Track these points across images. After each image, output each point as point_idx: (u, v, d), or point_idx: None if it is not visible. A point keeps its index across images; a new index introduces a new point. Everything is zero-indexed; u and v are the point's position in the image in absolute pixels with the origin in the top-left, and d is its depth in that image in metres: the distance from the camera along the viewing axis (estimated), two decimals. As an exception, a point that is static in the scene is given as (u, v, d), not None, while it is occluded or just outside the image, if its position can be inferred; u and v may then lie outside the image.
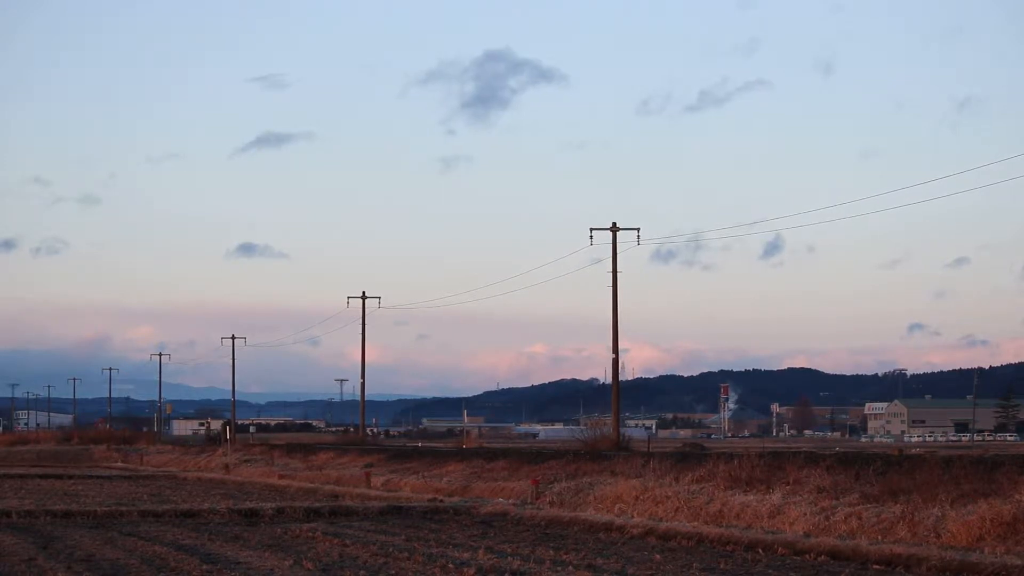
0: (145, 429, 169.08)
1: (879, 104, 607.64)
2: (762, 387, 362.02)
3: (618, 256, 65.19)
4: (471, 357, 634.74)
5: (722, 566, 22.52)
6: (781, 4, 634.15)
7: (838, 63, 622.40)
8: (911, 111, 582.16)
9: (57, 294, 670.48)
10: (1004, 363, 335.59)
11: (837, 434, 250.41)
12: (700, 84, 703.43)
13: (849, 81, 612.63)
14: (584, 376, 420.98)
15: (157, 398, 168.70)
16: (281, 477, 59.58)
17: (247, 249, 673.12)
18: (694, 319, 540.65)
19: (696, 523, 30.03)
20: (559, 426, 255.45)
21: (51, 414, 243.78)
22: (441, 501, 39.76)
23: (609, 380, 69.00)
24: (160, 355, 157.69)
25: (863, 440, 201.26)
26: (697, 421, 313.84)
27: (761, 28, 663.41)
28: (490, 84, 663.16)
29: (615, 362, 66.48)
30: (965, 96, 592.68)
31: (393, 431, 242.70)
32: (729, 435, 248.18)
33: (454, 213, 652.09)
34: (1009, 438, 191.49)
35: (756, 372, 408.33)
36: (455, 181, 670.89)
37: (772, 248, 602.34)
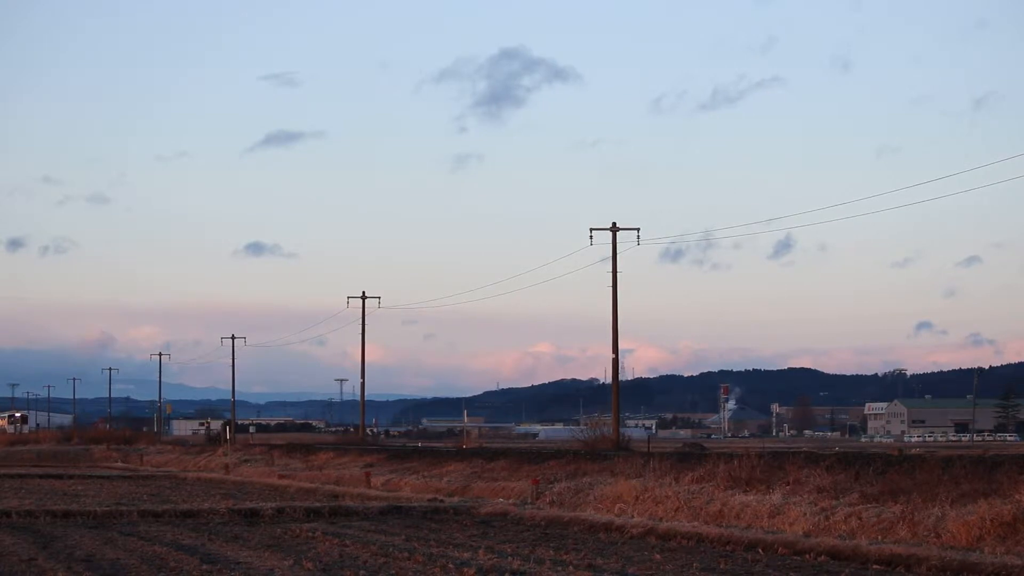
0: (145, 429, 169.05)
1: (896, 101, 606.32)
2: (762, 387, 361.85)
3: (621, 256, 65.69)
4: (475, 357, 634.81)
5: (722, 566, 22.52)
6: (798, 1, 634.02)
7: (855, 60, 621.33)
8: (928, 108, 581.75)
9: (63, 293, 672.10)
10: (1006, 363, 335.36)
11: (837, 434, 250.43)
12: (715, 82, 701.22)
13: (866, 78, 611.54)
14: (587, 376, 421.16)
15: (157, 398, 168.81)
16: (281, 477, 59.55)
17: (256, 248, 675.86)
18: (701, 319, 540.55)
19: (696, 523, 30.02)
20: (559, 426, 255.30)
21: (51, 414, 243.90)
22: (441, 501, 39.74)
23: (609, 380, 69.06)
24: (160, 355, 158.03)
25: (863, 440, 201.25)
26: (697, 421, 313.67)
27: (778, 26, 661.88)
28: (504, 82, 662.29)
29: (615, 362, 66.63)
30: (983, 93, 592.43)
31: (393, 431, 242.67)
32: (729, 435, 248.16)
33: (463, 212, 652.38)
34: (1009, 438, 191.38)
35: (756, 372, 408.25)
36: (465, 179, 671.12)
37: (783, 247, 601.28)
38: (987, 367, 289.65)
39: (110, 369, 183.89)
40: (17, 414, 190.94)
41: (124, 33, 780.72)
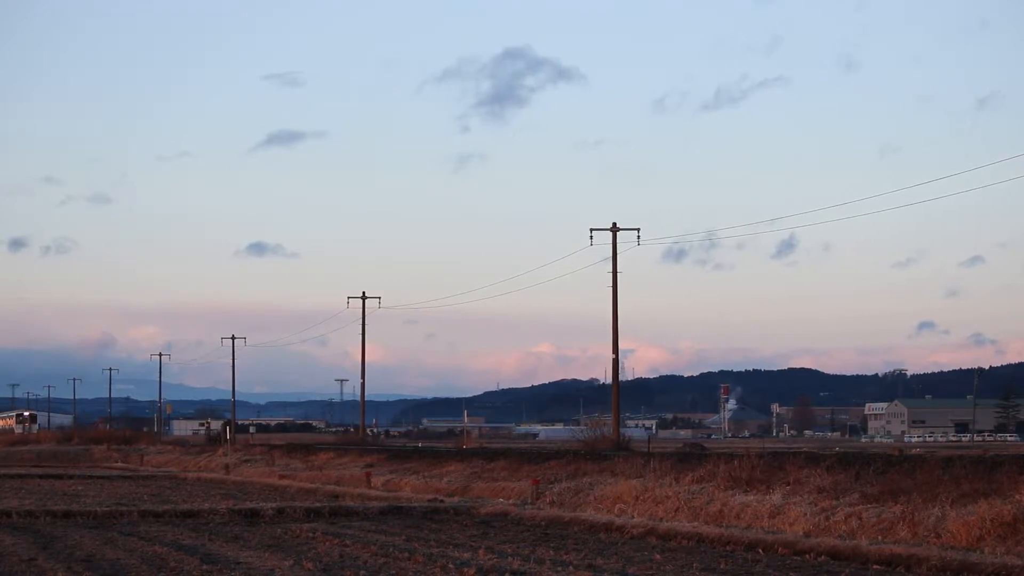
0: (145, 429, 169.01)
1: (898, 101, 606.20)
2: (762, 387, 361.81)
3: (622, 256, 65.96)
4: (475, 357, 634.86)
5: (722, 566, 22.51)
6: (801, 1, 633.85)
7: (858, 60, 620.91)
8: (931, 108, 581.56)
9: (64, 293, 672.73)
10: (1007, 363, 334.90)
11: (837, 434, 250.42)
12: (717, 82, 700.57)
13: (868, 78, 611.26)
14: (588, 376, 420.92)
15: (157, 398, 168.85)
16: (281, 477, 59.56)
17: (258, 248, 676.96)
18: (702, 319, 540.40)
19: (696, 523, 30.02)
20: (559, 426, 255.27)
21: (51, 414, 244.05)
22: (441, 501, 39.74)
23: (610, 380, 69.08)
24: (160, 355, 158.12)
25: (863, 440, 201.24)
26: (697, 421, 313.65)
27: (780, 26, 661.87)
28: (508, 82, 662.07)
29: (615, 362, 66.69)
30: (986, 93, 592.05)
31: (393, 431, 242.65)
32: (729, 435, 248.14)
33: (464, 212, 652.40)
34: (1009, 438, 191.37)
35: (756, 372, 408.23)
36: (467, 179, 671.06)
37: (786, 247, 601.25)
38: (988, 367, 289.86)
39: (110, 369, 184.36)
40: (25, 413, 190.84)
41: (124, 33, 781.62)
